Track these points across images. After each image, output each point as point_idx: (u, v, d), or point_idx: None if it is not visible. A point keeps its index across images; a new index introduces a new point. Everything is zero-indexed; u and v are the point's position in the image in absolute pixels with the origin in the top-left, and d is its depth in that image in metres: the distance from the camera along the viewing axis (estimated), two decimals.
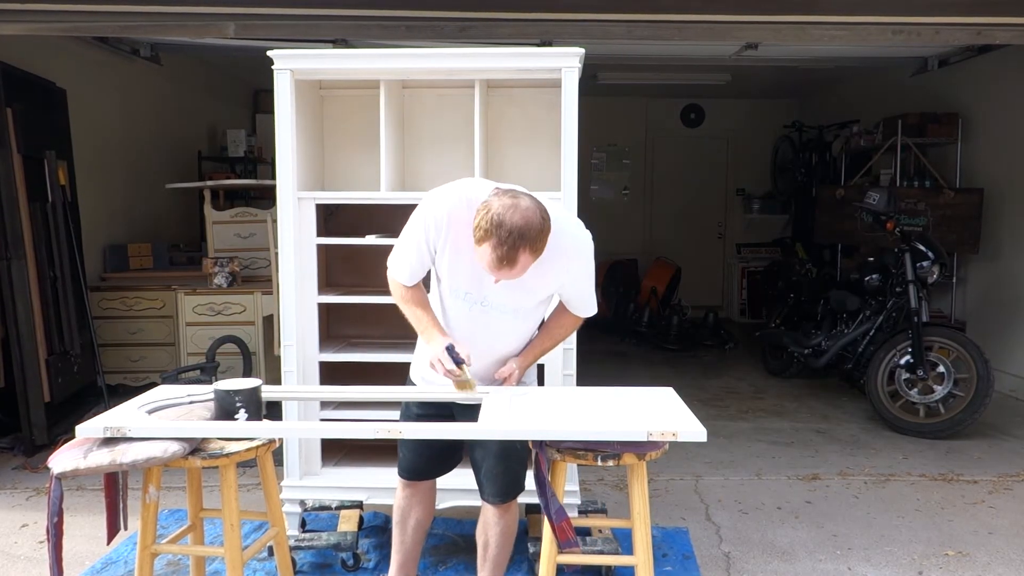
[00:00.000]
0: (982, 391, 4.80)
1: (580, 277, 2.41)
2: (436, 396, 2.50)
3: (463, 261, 2.32)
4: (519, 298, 2.38)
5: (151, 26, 4.44)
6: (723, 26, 4.39)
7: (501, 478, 2.48)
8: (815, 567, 3.25)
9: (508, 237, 2.09)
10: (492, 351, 2.48)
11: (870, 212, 5.47)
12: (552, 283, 2.39)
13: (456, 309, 2.44)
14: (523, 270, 2.17)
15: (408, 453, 2.62)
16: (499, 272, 2.17)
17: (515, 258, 2.12)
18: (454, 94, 3.52)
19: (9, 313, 4.58)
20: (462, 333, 2.42)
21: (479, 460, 2.50)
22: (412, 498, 2.67)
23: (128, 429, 2.13)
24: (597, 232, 2.50)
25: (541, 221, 2.15)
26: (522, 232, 2.10)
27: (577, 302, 2.49)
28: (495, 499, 2.51)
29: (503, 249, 2.10)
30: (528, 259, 2.15)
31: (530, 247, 2.13)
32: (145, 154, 6.68)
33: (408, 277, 2.44)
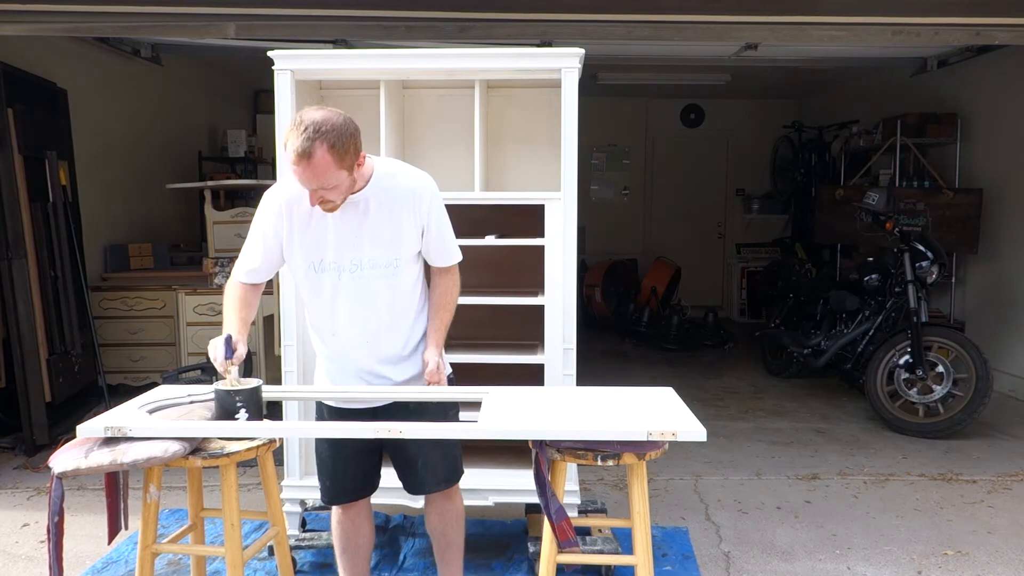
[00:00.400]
0: (981, 391, 4.81)
1: (433, 216, 2.38)
2: (435, 396, 2.51)
3: (311, 229, 2.33)
4: (381, 249, 2.33)
5: (152, 26, 4.44)
6: (723, 26, 4.40)
7: (440, 466, 2.49)
8: (815, 567, 3.25)
9: (305, 130, 2.10)
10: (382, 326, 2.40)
11: (869, 212, 5.47)
12: (407, 225, 2.34)
13: (325, 289, 2.37)
14: (326, 170, 2.13)
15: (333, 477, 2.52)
16: (300, 169, 2.12)
17: (311, 150, 2.09)
18: (454, 94, 3.52)
19: (10, 313, 4.58)
20: (343, 315, 2.37)
21: (414, 456, 2.46)
22: (356, 519, 2.59)
23: (129, 429, 2.13)
24: (597, 232, 2.51)
25: (343, 122, 2.15)
26: (319, 125, 2.10)
27: (438, 246, 2.44)
28: (443, 485, 2.51)
29: (299, 140, 2.09)
30: (327, 156, 2.10)
31: (328, 143, 2.10)
32: (146, 154, 6.68)
33: (247, 273, 2.42)
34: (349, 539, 2.60)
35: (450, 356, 3.24)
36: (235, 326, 2.35)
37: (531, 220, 3.18)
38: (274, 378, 4.15)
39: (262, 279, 2.46)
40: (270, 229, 2.37)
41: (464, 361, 3.25)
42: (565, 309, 3.12)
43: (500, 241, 3.24)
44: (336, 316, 2.40)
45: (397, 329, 2.44)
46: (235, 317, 2.38)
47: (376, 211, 2.32)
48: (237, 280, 2.44)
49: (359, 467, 2.53)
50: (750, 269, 9.37)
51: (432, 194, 2.39)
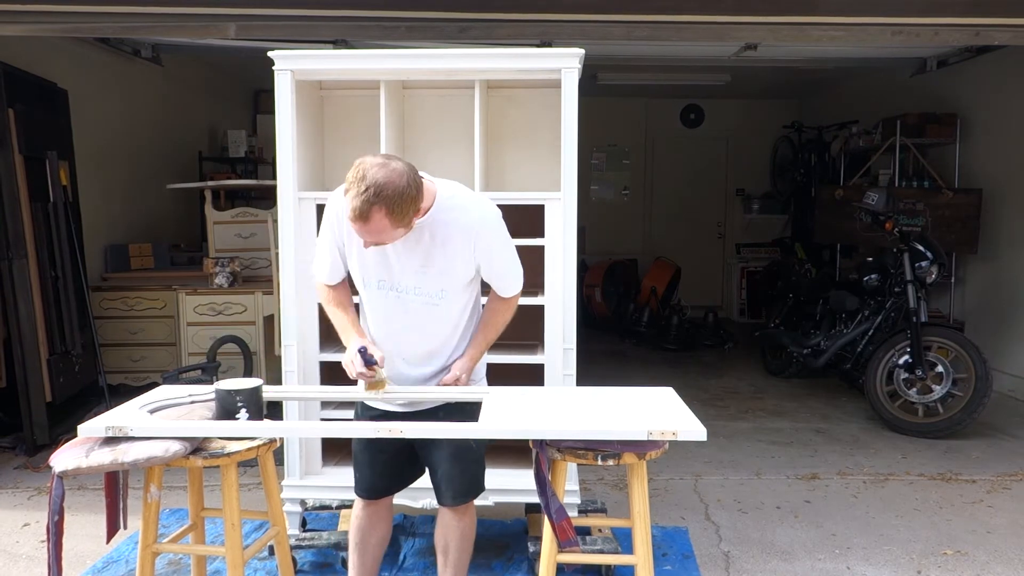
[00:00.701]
0: (980, 391, 4.81)
1: (492, 252, 2.36)
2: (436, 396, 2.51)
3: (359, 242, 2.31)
4: (429, 279, 2.34)
5: (152, 27, 4.45)
6: (723, 26, 4.40)
7: (458, 479, 2.46)
8: (814, 566, 3.26)
9: (366, 191, 2.06)
10: (422, 342, 2.43)
11: (869, 212, 5.48)
12: (460, 261, 2.33)
13: (374, 302, 2.41)
14: (381, 231, 2.13)
15: (367, 471, 2.55)
16: (357, 226, 2.13)
17: (369, 214, 2.08)
18: (454, 95, 3.52)
19: (11, 313, 4.59)
20: (387, 327, 2.41)
21: (435, 464, 2.47)
22: (374, 516, 2.59)
23: (129, 429, 2.14)
24: (597, 232, 2.52)
25: (406, 185, 2.10)
26: (380, 188, 2.06)
27: (497, 280, 2.44)
28: (453, 501, 2.48)
29: (358, 201, 2.07)
30: (384, 220, 2.10)
31: (387, 207, 2.08)
32: (146, 154, 6.69)
33: (328, 275, 2.46)
34: (363, 536, 2.62)
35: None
36: (352, 331, 2.39)
37: (531, 220, 3.19)
38: (274, 378, 4.15)
39: (342, 278, 2.49)
40: (333, 239, 2.41)
41: None
42: (565, 309, 3.12)
43: None
44: (379, 325, 2.44)
45: (437, 354, 2.46)
46: (347, 321, 2.42)
47: (431, 241, 2.29)
48: (323, 284, 2.48)
49: (388, 467, 2.54)
50: (750, 269, 9.37)
51: (492, 231, 2.37)
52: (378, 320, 2.43)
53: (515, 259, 2.47)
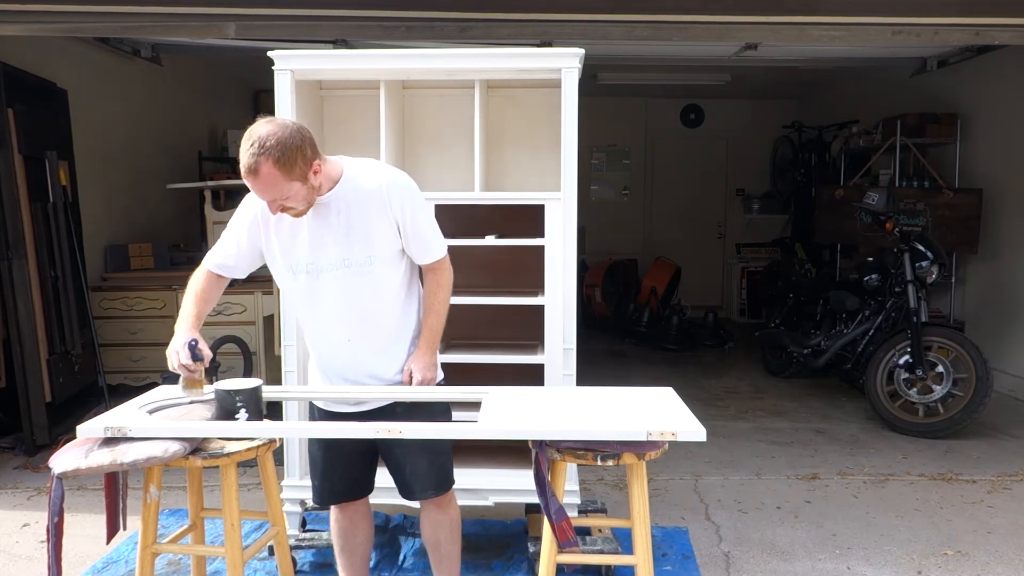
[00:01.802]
0: (981, 391, 4.81)
1: (405, 211, 2.33)
2: (435, 397, 2.51)
3: (284, 232, 2.34)
4: (354, 249, 2.32)
5: (152, 27, 4.44)
6: (723, 26, 4.40)
7: (428, 473, 2.47)
8: (814, 566, 3.25)
9: (251, 146, 2.11)
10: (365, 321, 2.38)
11: (869, 212, 5.48)
12: (376, 224, 2.32)
13: (305, 291, 2.38)
14: (275, 184, 2.14)
15: (324, 478, 2.52)
16: (250, 183, 2.16)
17: (257, 167, 2.11)
18: (454, 94, 3.52)
19: (10, 313, 4.58)
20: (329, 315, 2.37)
21: (401, 460, 2.46)
22: (354, 517, 2.59)
23: (129, 429, 2.14)
24: (597, 232, 2.51)
25: (290, 135, 2.13)
26: (263, 140, 2.10)
27: (416, 243, 2.39)
28: (431, 493, 2.49)
29: (246, 156, 2.12)
30: (273, 171, 2.11)
31: (273, 158, 2.10)
32: (146, 154, 6.68)
33: (218, 265, 2.44)
34: (347, 538, 2.61)
35: (450, 356, 3.26)
36: (189, 323, 2.37)
37: (531, 220, 3.18)
38: (274, 378, 4.15)
39: (232, 275, 2.48)
40: (245, 233, 2.40)
41: (464, 361, 3.26)
42: (565, 309, 3.12)
43: (500, 241, 3.24)
44: (318, 316, 2.40)
45: (380, 326, 2.41)
46: (193, 315, 2.40)
47: (345, 211, 2.31)
48: (206, 268, 2.46)
49: (349, 469, 2.52)
50: (750, 269, 9.37)
51: (401, 189, 2.35)
52: (318, 311, 2.38)
53: (433, 224, 2.44)
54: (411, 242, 2.39)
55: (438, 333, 2.48)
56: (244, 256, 2.42)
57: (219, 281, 2.47)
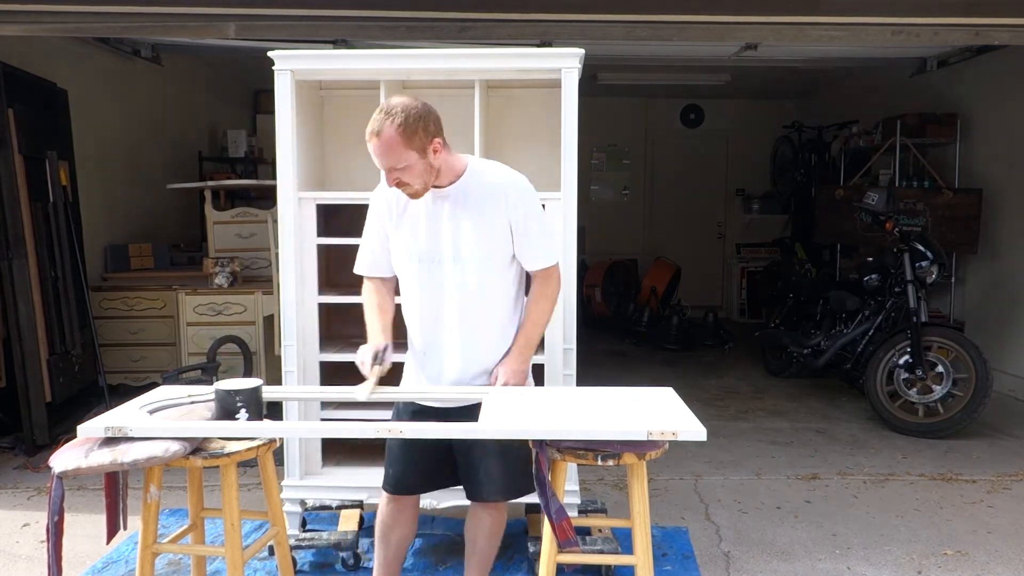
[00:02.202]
0: (981, 391, 4.81)
1: (519, 212, 2.38)
2: (434, 397, 2.51)
3: (406, 220, 2.43)
4: (467, 245, 2.37)
5: (152, 27, 4.44)
6: (723, 26, 4.40)
7: (500, 478, 2.48)
8: (814, 566, 3.25)
9: (381, 111, 2.26)
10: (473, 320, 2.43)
11: (869, 212, 5.47)
12: (493, 223, 2.37)
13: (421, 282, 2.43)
14: (393, 148, 2.23)
15: (397, 466, 2.56)
16: (375, 152, 2.25)
17: (381, 128, 2.22)
18: (454, 94, 3.52)
19: (10, 313, 4.59)
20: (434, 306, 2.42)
21: (477, 460, 2.48)
22: (398, 513, 2.62)
23: (129, 429, 2.14)
24: (597, 232, 2.52)
25: (419, 105, 2.27)
26: (392, 106, 2.24)
27: (525, 248, 2.41)
28: (493, 496, 2.51)
29: (375, 119, 2.25)
30: (394, 135, 2.21)
31: (397, 122, 2.21)
32: (146, 154, 6.69)
33: (368, 266, 2.54)
34: (385, 530, 2.64)
35: None
36: (378, 335, 2.44)
37: None
38: (274, 378, 4.14)
39: (384, 272, 2.54)
40: (376, 223, 2.49)
41: None
42: (565, 309, 3.12)
43: None
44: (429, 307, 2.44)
45: (491, 327, 2.46)
46: (378, 325, 2.47)
47: (464, 205, 2.38)
48: (362, 275, 2.56)
49: (420, 463, 2.55)
50: (750, 269, 9.37)
51: (520, 190, 2.41)
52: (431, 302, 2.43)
53: (545, 230, 2.47)
54: (520, 243, 2.42)
55: (534, 342, 2.51)
56: (382, 248, 2.50)
57: (384, 284, 2.56)
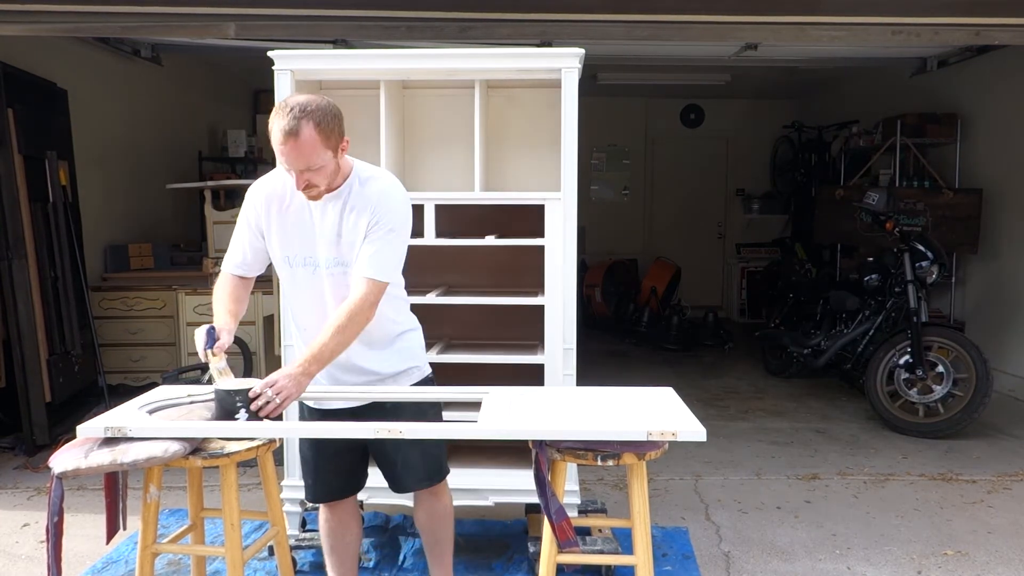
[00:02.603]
0: (981, 391, 4.81)
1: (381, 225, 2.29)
2: (435, 396, 2.51)
3: (289, 221, 2.36)
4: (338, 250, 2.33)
5: (152, 27, 4.45)
6: (723, 26, 4.40)
7: (421, 464, 2.48)
8: (815, 566, 3.25)
9: (291, 109, 2.15)
10: None
11: (869, 212, 5.47)
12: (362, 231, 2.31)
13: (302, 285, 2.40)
14: (312, 149, 2.15)
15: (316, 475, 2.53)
16: (288, 154, 2.15)
17: (298, 129, 2.13)
18: (454, 94, 3.52)
19: (10, 313, 4.58)
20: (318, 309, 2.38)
21: (393, 455, 2.47)
22: (343, 516, 2.60)
23: (129, 429, 2.13)
24: (597, 232, 2.51)
25: (328, 104, 2.21)
26: (304, 105, 2.16)
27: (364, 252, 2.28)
28: (423, 484, 2.51)
29: (286, 119, 2.14)
30: (313, 134, 2.14)
31: (315, 121, 2.15)
32: (146, 154, 6.68)
33: (238, 264, 2.45)
34: (336, 538, 2.61)
35: (450, 356, 3.27)
36: (222, 318, 2.37)
37: (531, 220, 3.18)
38: None
39: (252, 273, 2.48)
40: (252, 222, 2.41)
41: (464, 361, 3.26)
42: (565, 309, 3.12)
43: (500, 241, 3.24)
44: (312, 310, 2.41)
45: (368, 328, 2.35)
46: (223, 310, 2.40)
47: (348, 212, 2.32)
48: (227, 272, 2.47)
49: (340, 466, 2.53)
50: (750, 269, 9.37)
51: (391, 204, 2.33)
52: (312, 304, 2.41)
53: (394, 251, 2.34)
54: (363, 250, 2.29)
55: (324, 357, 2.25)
56: (256, 247, 2.44)
57: (243, 282, 2.48)
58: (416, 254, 3.26)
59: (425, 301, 3.24)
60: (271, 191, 2.39)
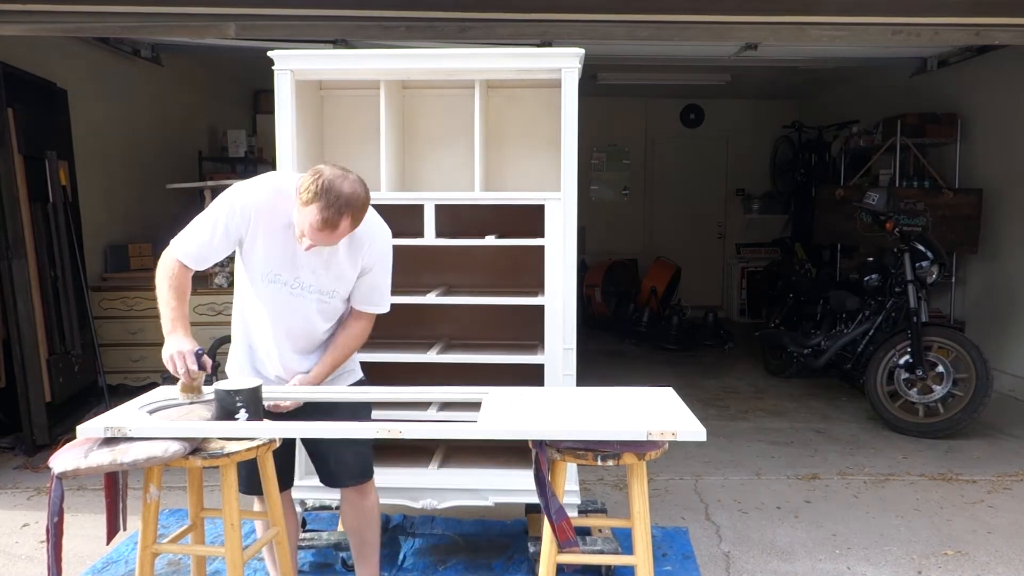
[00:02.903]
0: (981, 391, 4.81)
1: (378, 262, 2.50)
2: (435, 396, 2.51)
3: (276, 244, 2.39)
4: (330, 281, 2.45)
5: (152, 27, 4.45)
6: (723, 26, 4.40)
7: (354, 462, 2.59)
8: (815, 566, 3.25)
9: (336, 201, 2.20)
10: (306, 335, 2.52)
11: (869, 212, 5.47)
12: (351, 265, 2.46)
13: (264, 296, 2.46)
14: (339, 237, 2.29)
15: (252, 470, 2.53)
16: (319, 234, 2.24)
17: (338, 223, 2.22)
18: (454, 94, 3.52)
19: (10, 313, 4.58)
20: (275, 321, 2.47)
21: (325, 451, 2.57)
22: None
23: (129, 429, 2.13)
24: (597, 232, 2.52)
25: (365, 195, 2.29)
26: (349, 199, 2.22)
27: (368, 295, 2.53)
28: (353, 481, 2.60)
29: (329, 212, 2.20)
30: (347, 227, 2.26)
31: (352, 216, 2.25)
32: (146, 154, 6.68)
33: (194, 257, 2.40)
34: None
35: (450, 356, 3.27)
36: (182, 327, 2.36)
37: (531, 220, 3.18)
38: None
39: (200, 267, 2.45)
40: (232, 228, 2.39)
41: (464, 361, 3.25)
42: (565, 309, 3.12)
43: (500, 241, 3.24)
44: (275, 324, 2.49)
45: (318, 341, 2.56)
46: (180, 314, 2.37)
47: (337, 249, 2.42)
48: (175, 259, 2.40)
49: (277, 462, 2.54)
50: (750, 269, 9.37)
51: (385, 242, 2.52)
52: (264, 314, 2.48)
53: (388, 282, 2.58)
54: (365, 288, 2.52)
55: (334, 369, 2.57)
56: (218, 248, 2.41)
57: (188, 273, 2.44)
58: (416, 254, 3.27)
59: (425, 301, 3.24)
60: (262, 205, 2.38)
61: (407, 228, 3.23)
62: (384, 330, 3.58)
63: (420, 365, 3.24)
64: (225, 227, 2.38)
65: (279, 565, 2.57)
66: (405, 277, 3.27)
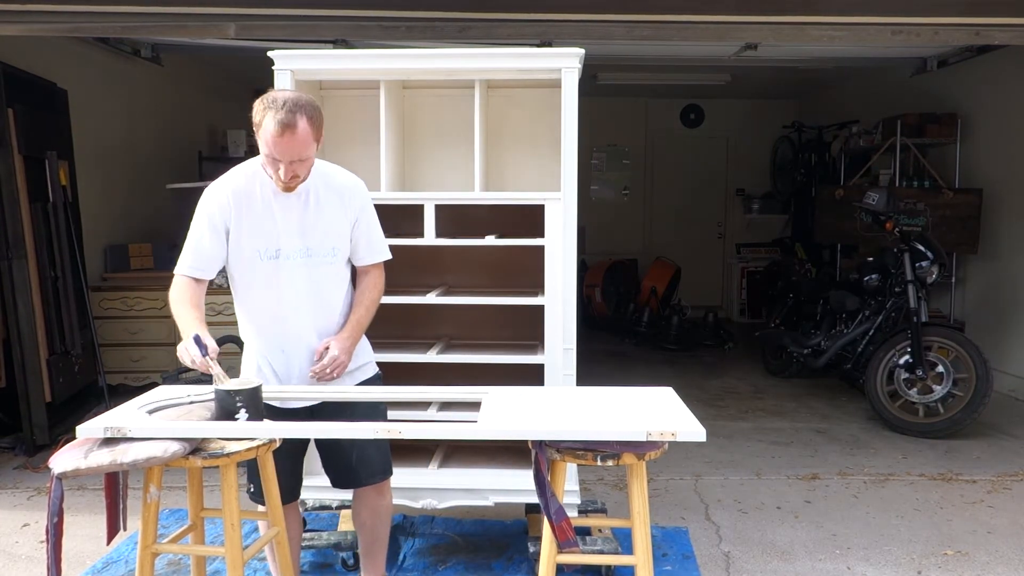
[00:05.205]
0: (981, 391, 4.81)
1: (365, 211, 2.52)
2: (435, 396, 2.51)
3: (256, 218, 2.42)
4: (317, 238, 2.44)
5: (152, 27, 4.45)
6: (723, 26, 4.40)
7: (376, 458, 2.58)
8: (814, 566, 3.25)
9: (285, 103, 2.24)
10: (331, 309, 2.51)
11: (869, 212, 5.47)
12: (338, 219, 2.46)
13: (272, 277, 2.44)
14: (305, 143, 2.26)
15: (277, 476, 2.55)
16: (283, 143, 2.23)
17: (295, 122, 2.22)
18: (454, 94, 3.52)
19: (10, 313, 4.58)
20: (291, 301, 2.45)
21: (347, 450, 2.55)
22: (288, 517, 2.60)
23: (129, 429, 2.13)
24: (597, 232, 2.52)
25: (312, 99, 2.32)
26: (296, 99, 2.26)
27: (366, 245, 2.55)
28: (375, 479, 2.59)
29: (282, 113, 2.22)
30: (307, 128, 2.25)
31: (308, 116, 2.25)
32: (146, 154, 6.68)
33: (193, 267, 2.44)
34: None
35: (450, 356, 3.27)
36: (195, 324, 2.37)
37: (531, 220, 3.19)
38: None
39: (207, 275, 2.48)
40: (218, 221, 2.42)
41: (464, 361, 3.26)
42: (565, 309, 3.12)
43: (500, 241, 3.24)
44: (283, 302, 2.46)
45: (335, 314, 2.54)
46: (191, 316, 2.40)
47: (315, 202, 2.44)
48: (183, 276, 2.46)
49: (285, 468, 2.55)
50: (750, 269, 9.37)
51: (365, 193, 2.55)
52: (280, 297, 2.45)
53: (379, 228, 2.60)
54: (361, 241, 2.53)
55: (364, 326, 2.56)
56: (211, 247, 2.44)
57: (199, 286, 2.48)
58: (416, 254, 3.27)
59: (425, 301, 3.24)
60: (236, 188, 2.43)
61: (407, 228, 3.23)
62: (384, 330, 3.59)
63: (420, 365, 3.24)
64: (210, 222, 2.42)
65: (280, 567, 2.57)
66: (405, 277, 3.28)
